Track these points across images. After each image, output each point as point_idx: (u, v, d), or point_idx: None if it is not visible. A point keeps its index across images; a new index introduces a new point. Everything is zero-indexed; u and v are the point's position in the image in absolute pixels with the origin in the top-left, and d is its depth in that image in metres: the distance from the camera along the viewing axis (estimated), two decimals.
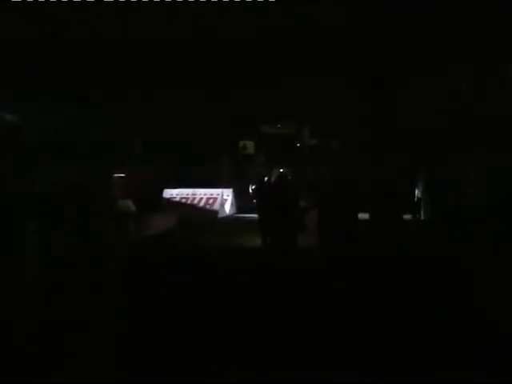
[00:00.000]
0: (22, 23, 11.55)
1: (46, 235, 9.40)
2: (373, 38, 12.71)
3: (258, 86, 15.92)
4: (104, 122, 16.33)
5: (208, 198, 19.25)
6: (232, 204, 20.40)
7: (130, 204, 11.98)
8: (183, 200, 19.27)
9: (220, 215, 19.13)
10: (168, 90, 15.48)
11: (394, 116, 15.63)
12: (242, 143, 22.67)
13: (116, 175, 12.68)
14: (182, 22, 12.08)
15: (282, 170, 12.45)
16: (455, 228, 12.08)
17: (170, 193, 19.48)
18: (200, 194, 19.39)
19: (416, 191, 16.46)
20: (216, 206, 19.28)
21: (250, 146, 22.83)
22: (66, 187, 10.31)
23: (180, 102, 16.82)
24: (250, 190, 14.13)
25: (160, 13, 11.62)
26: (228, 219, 19.01)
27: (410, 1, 11.45)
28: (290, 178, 11.90)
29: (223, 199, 19.84)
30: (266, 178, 12.35)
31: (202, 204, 19.25)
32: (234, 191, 20.49)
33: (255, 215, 12.50)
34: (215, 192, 19.52)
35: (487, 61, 13.03)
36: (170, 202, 19.00)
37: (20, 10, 10.95)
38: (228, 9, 11.39)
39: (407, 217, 14.51)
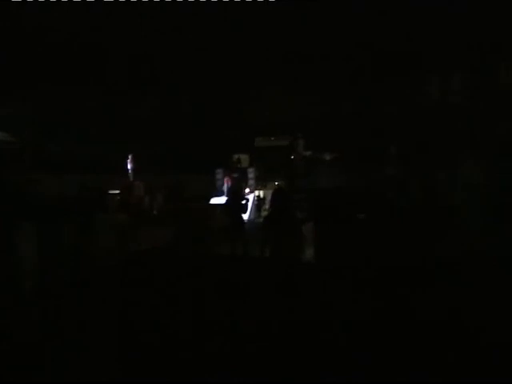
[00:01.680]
0: (22, 23, 11.57)
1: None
2: (372, 42, 12.70)
3: (253, 98, 15.82)
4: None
5: None
6: None
7: (125, 218, 11.82)
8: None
9: None
10: (163, 99, 15.40)
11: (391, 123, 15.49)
12: (236, 157, 22.37)
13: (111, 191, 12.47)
14: (182, 21, 12.09)
15: (277, 183, 12.32)
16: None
17: None
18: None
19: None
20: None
21: (244, 159, 22.56)
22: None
23: (173, 113, 16.72)
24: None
25: (160, 13, 11.63)
26: None
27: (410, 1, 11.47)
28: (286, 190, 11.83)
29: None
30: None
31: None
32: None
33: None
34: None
35: (486, 61, 13.02)
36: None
37: (20, 10, 10.95)
38: (228, 9, 11.39)
39: None
